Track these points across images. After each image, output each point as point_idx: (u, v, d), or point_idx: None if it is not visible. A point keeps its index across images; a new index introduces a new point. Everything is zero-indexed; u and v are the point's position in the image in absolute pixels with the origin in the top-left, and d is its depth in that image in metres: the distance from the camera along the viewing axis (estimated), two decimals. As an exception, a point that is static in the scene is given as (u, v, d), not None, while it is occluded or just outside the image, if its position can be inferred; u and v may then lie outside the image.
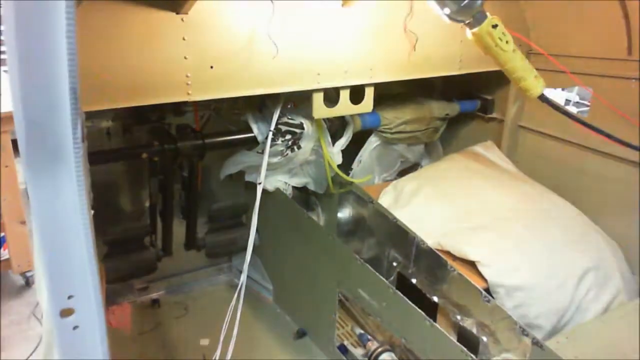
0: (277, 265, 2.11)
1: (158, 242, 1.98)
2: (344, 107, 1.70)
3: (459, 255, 1.48)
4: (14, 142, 2.00)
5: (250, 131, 1.70)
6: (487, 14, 1.35)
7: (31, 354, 2.04)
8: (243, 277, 1.48)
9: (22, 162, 0.58)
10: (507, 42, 1.44)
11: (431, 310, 1.41)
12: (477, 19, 1.34)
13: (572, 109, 3.19)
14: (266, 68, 1.41)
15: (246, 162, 1.81)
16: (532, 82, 1.49)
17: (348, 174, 1.88)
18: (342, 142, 1.91)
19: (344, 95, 1.69)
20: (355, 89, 1.70)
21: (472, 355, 1.22)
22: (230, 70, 1.36)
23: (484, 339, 1.27)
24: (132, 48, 1.21)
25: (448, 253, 1.51)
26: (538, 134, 1.99)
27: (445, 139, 2.25)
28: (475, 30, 1.35)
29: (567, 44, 1.79)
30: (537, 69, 1.91)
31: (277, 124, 1.65)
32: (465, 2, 1.28)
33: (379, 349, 1.61)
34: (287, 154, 1.76)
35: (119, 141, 1.82)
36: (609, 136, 1.39)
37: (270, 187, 1.82)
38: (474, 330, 1.31)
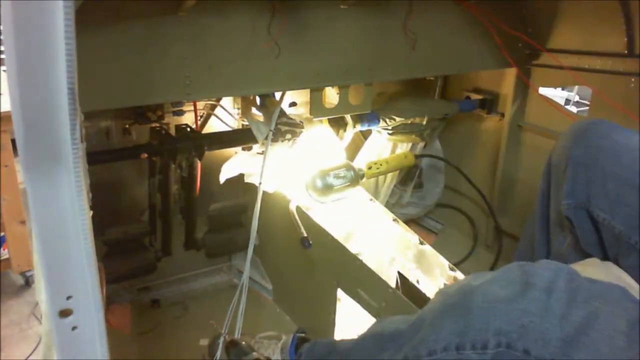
0: (276, 265, 2.11)
1: (157, 242, 1.98)
2: (343, 107, 1.70)
3: None
4: (14, 142, 2.00)
5: (250, 131, 1.70)
6: (362, 170, 1.83)
7: (30, 354, 2.04)
8: (245, 277, 1.48)
9: (20, 163, 0.58)
10: (380, 165, 1.93)
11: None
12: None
13: (572, 109, 3.19)
14: (266, 67, 1.41)
15: (245, 164, 1.80)
16: (406, 161, 2.01)
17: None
18: (343, 142, 1.91)
19: (343, 95, 1.69)
20: (354, 88, 1.70)
21: (471, 355, 1.22)
22: (230, 70, 1.36)
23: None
24: (130, 47, 1.21)
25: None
26: (539, 133, 1.99)
27: (444, 139, 2.25)
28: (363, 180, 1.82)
29: (565, 40, 1.80)
30: (535, 65, 1.93)
31: (276, 123, 1.65)
32: None
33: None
34: (287, 154, 1.76)
35: (118, 141, 1.81)
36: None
37: (270, 188, 1.82)
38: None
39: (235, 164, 1.82)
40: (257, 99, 1.75)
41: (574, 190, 1.16)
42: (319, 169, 1.71)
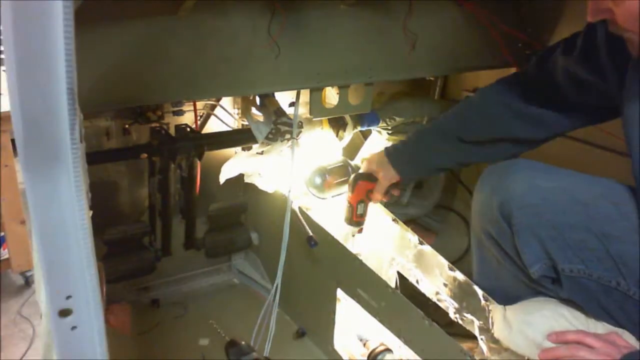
0: (276, 265, 2.10)
1: (157, 242, 1.98)
2: (342, 107, 1.70)
3: None
4: (14, 142, 2.00)
5: (249, 131, 1.70)
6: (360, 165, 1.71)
7: (24, 354, 2.04)
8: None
9: (20, 163, 0.58)
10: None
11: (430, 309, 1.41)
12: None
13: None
14: (266, 67, 1.41)
15: (245, 164, 1.80)
16: None
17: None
18: (342, 142, 1.91)
19: (343, 94, 1.69)
20: (354, 88, 1.70)
21: (471, 355, 1.22)
22: (230, 70, 1.36)
23: (482, 337, 1.27)
24: (130, 47, 1.21)
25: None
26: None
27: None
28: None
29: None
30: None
31: (276, 123, 1.65)
32: None
33: (379, 349, 1.61)
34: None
35: (117, 141, 1.81)
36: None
37: (270, 188, 1.82)
38: (475, 330, 1.31)
39: (235, 164, 1.82)
40: (257, 99, 1.75)
41: (534, 256, 1.11)
42: (317, 166, 1.74)
